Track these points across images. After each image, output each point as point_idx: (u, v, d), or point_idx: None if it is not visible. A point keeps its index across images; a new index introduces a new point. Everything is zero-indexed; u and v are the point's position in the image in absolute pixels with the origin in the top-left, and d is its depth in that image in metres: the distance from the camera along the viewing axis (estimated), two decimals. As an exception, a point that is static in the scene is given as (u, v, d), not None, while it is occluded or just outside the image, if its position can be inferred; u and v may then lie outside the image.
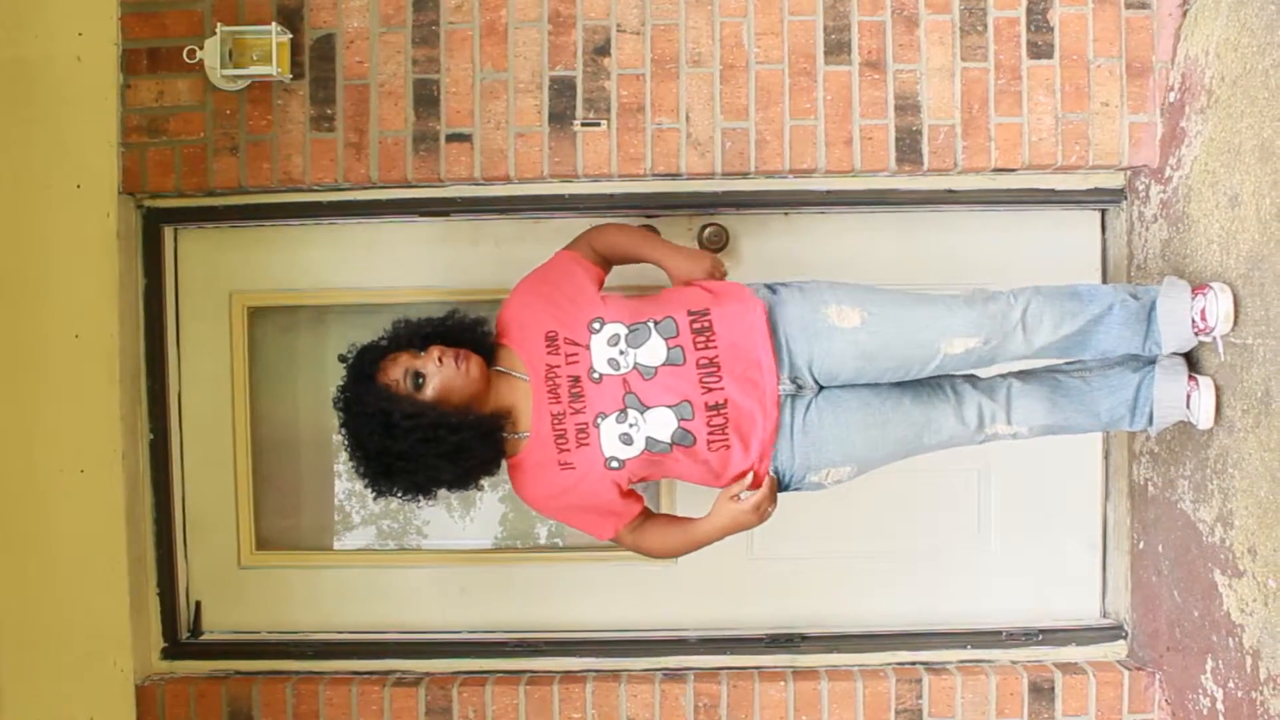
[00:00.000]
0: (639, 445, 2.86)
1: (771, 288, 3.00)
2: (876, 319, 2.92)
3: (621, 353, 2.87)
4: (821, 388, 2.96)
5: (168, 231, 3.71)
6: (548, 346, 2.91)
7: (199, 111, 3.56)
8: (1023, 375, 3.15)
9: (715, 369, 2.85)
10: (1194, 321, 3.07)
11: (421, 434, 2.81)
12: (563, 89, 3.53)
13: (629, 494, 2.98)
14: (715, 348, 2.86)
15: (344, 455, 2.96)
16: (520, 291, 3.06)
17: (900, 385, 3.03)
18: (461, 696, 3.57)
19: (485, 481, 3.01)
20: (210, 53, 3.47)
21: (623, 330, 2.88)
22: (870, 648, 3.71)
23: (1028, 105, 3.52)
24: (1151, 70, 3.51)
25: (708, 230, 3.67)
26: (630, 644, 3.73)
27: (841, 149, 3.52)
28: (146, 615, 3.68)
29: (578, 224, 3.61)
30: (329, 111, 3.54)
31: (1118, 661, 3.69)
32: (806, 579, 3.77)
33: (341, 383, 2.95)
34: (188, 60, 3.50)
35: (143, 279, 3.68)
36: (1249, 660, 3.05)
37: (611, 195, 3.61)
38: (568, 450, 2.88)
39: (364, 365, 2.92)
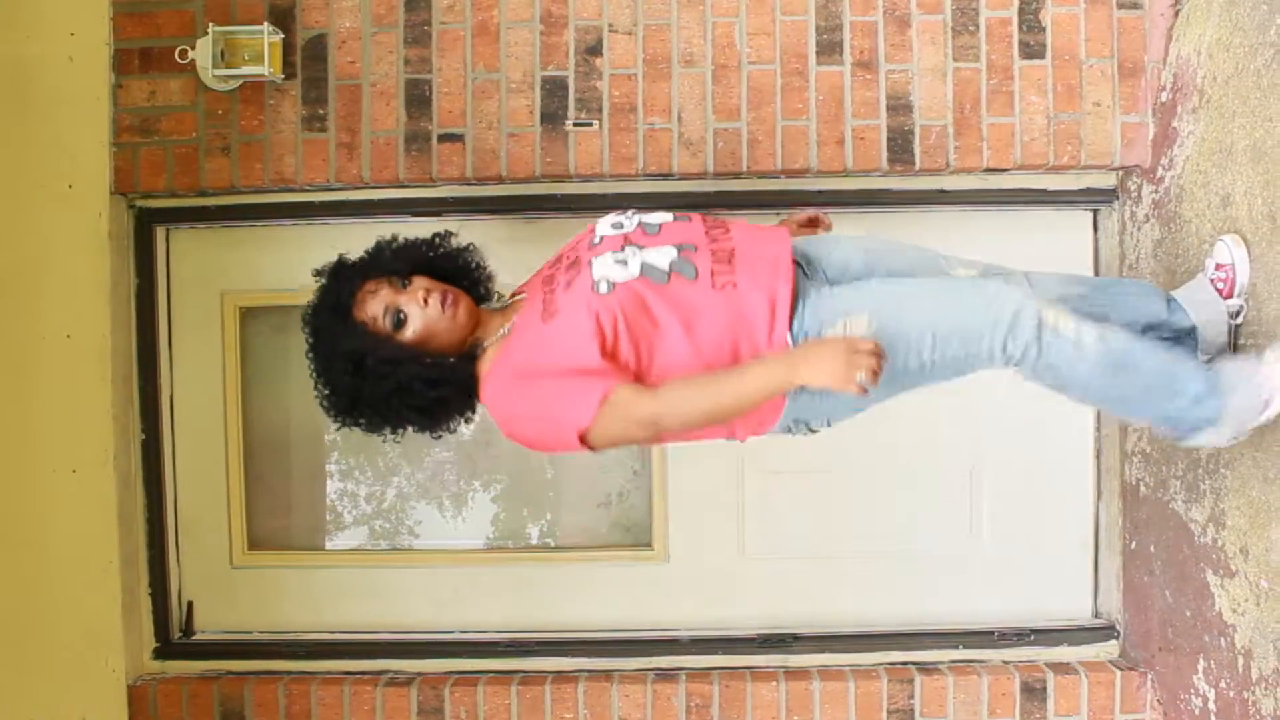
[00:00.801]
0: (633, 268, 2.47)
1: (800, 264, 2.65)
2: (878, 242, 2.79)
3: (625, 220, 2.61)
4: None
5: (160, 231, 3.71)
6: (549, 268, 2.65)
7: (191, 111, 3.54)
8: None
9: (723, 228, 2.60)
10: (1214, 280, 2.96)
11: (395, 382, 2.49)
12: (555, 89, 3.51)
13: (611, 360, 2.44)
14: (730, 240, 2.56)
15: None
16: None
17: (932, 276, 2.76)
18: (454, 696, 3.55)
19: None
20: (202, 53, 3.45)
21: (627, 219, 2.63)
22: (862, 648, 3.69)
23: (1020, 105, 3.51)
24: (1143, 70, 3.49)
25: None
26: (622, 644, 3.71)
27: (833, 149, 3.51)
28: (138, 615, 3.67)
29: (570, 224, 3.58)
30: (321, 111, 3.52)
31: (1110, 661, 3.67)
32: (798, 579, 3.75)
33: (313, 302, 2.62)
34: (180, 60, 3.49)
35: (135, 279, 3.67)
36: (1241, 660, 3.04)
37: (603, 195, 3.59)
38: (553, 294, 2.53)
39: (339, 290, 2.57)
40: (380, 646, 3.71)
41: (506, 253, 3.61)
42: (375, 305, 2.53)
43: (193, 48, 3.47)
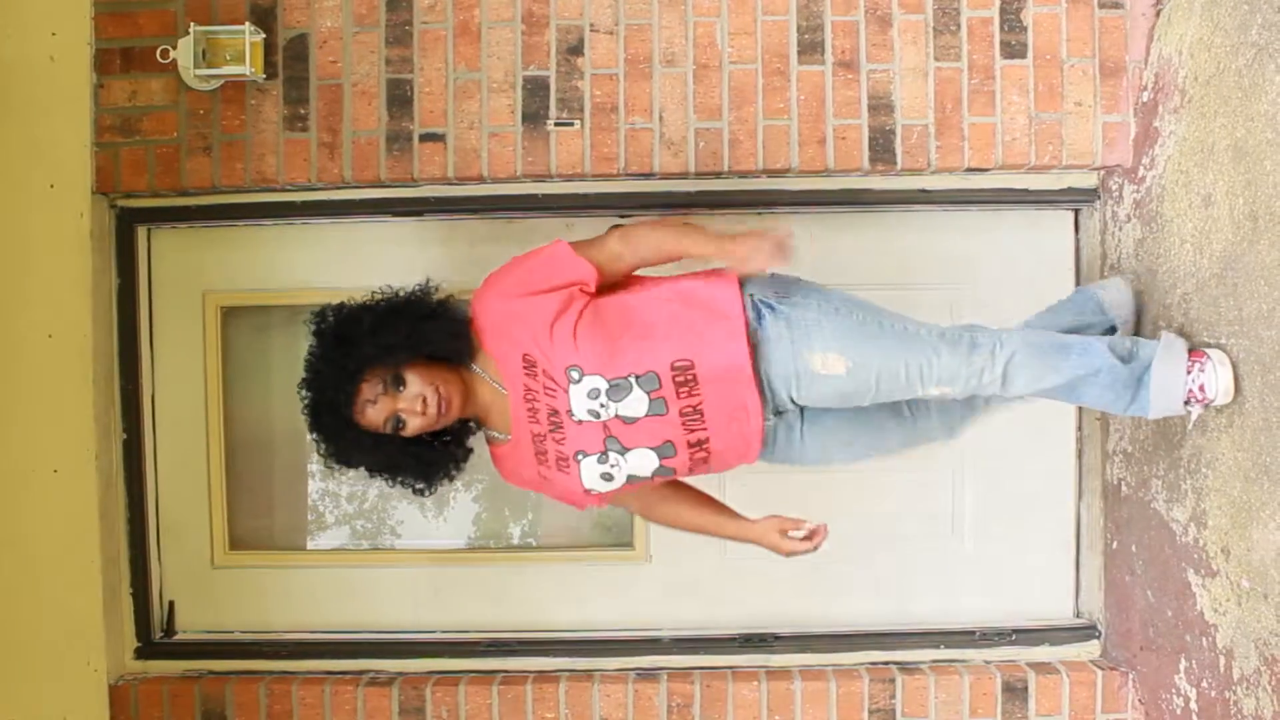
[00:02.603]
0: (619, 481, 2.74)
1: (760, 310, 2.74)
2: (860, 369, 2.72)
3: (603, 405, 2.65)
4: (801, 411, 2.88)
5: (141, 231, 3.67)
6: (526, 370, 2.69)
7: (172, 111, 3.50)
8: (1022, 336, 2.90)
9: (699, 416, 2.69)
10: (1191, 392, 2.91)
11: (396, 463, 2.75)
12: (536, 89, 3.47)
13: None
14: (699, 395, 2.67)
15: (317, 455, 2.82)
16: (497, 294, 2.75)
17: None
18: (435, 696, 3.52)
19: (459, 481, 2.95)
20: (184, 52, 3.41)
21: (603, 385, 2.64)
22: (844, 647, 3.67)
23: (1001, 105, 3.48)
24: (1125, 70, 3.47)
25: (682, 230, 3.59)
26: (604, 644, 3.68)
27: (815, 149, 3.48)
28: (120, 615, 3.63)
29: (551, 224, 3.56)
30: (302, 111, 3.49)
31: (1091, 661, 3.65)
32: (780, 579, 3.69)
33: (310, 399, 2.69)
34: (161, 60, 3.45)
35: (116, 279, 3.64)
36: (1222, 660, 3.02)
37: (585, 195, 3.57)
38: (548, 466, 2.75)
39: (336, 396, 2.64)
40: (362, 646, 3.68)
41: (488, 252, 3.58)
42: (376, 417, 2.64)
43: (174, 47, 3.43)
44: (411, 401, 2.62)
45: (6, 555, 3.02)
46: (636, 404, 2.65)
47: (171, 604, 3.72)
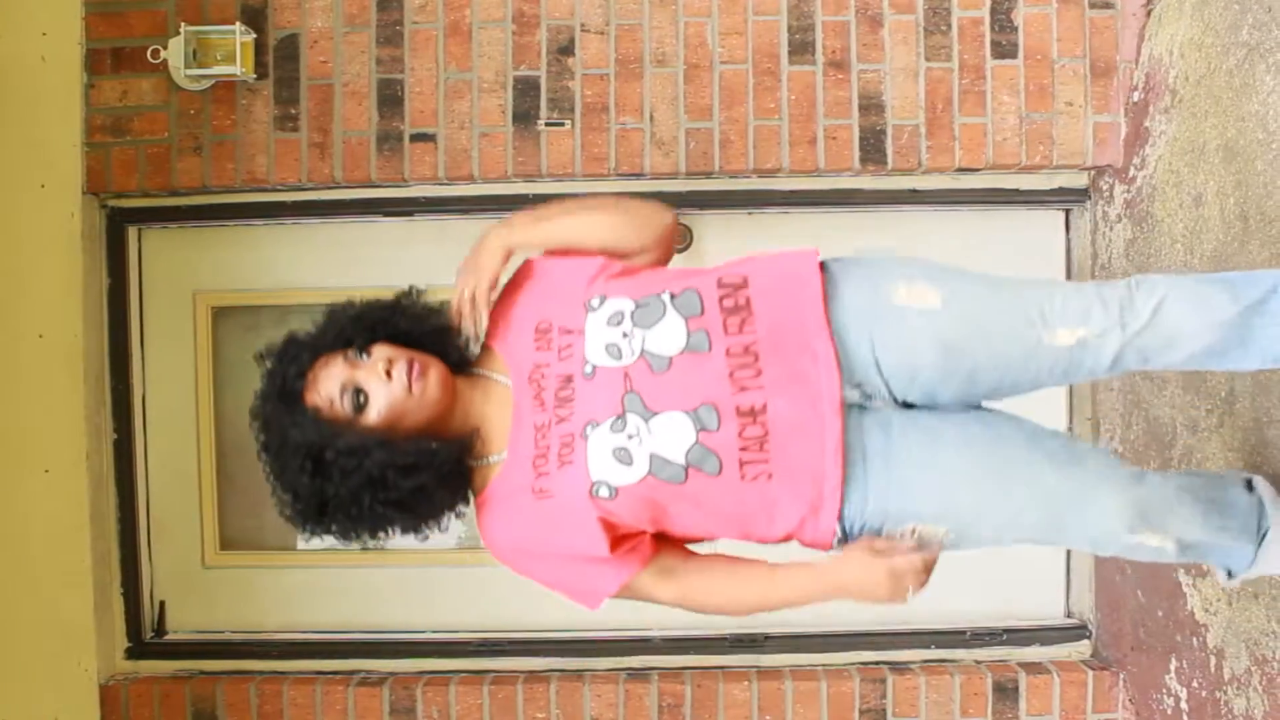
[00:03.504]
0: (640, 467, 1.94)
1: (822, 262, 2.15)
2: (959, 297, 2.06)
3: (625, 335, 1.99)
4: (897, 402, 2.07)
5: (131, 231, 3.65)
6: (537, 340, 2.09)
7: (163, 111, 3.49)
8: (1174, 477, 2.30)
9: (753, 360, 1.97)
10: None
11: (364, 476, 1.98)
12: (527, 89, 3.46)
13: (622, 540, 2.03)
14: (754, 331, 1.98)
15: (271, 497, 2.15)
16: (522, 272, 2.23)
17: (1021, 429, 2.11)
18: (425, 696, 3.50)
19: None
20: (174, 52, 3.40)
21: (628, 306, 2.02)
22: (834, 647, 3.64)
23: (992, 105, 3.46)
24: (1116, 70, 3.46)
25: (673, 230, 3.57)
26: (594, 644, 3.65)
27: (805, 149, 3.46)
28: (111, 615, 3.61)
29: (542, 224, 3.52)
30: (293, 111, 3.47)
31: (1082, 661, 3.64)
32: (771, 579, 3.66)
33: (259, 389, 2.12)
34: (152, 60, 3.43)
35: (107, 279, 3.61)
36: (1213, 660, 3.01)
37: (576, 195, 3.47)
38: (546, 474, 2.02)
39: (285, 375, 2.05)
40: (352, 646, 3.66)
41: (479, 253, 3.56)
42: (329, 384, 2.00)
43: (165, 47, 3.41)
44: (372, 366, 2.00)
45: (-3, 555, 3.01)
46: (669, 334, 1.99)
47: (162, 604, 3.70)
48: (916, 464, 1.99)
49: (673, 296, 2.02)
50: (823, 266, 2.10)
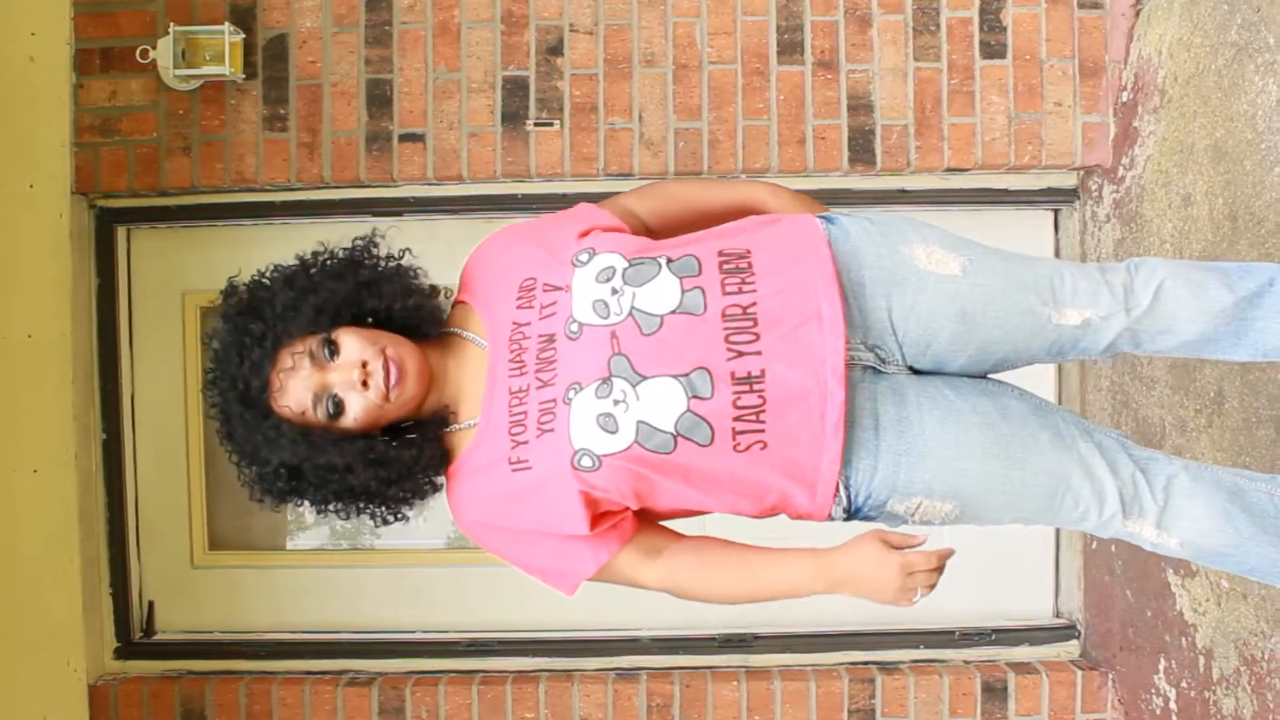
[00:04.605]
0: (625, 435, 1.78)
1: (826, 217, 1.99)
2: (978, 267, 1.93)
3: (615, 292, 1.85)
4: (910, 370, 1.95)
5: (120, 231, 3.64)
6: (520, 298, 1.93)
7: (152, 111, 3.47)
8: (1192, 470, 2.04)
9: (751, 323, 1.82)
10: None
11: (345, 486, 1.89)
12: (515, 89, 3.43)
13: (602, 518, 1.88)
14: (753, 290, 1.84)
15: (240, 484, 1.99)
16: (505, 231, 2.10)
17: (1026, 404, 1.99)
18: (414, 696, 3.48)
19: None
20: (163, 53, 3.37)
21: (620, 263, 1.87)
22: (823, 647, 3.62)
23: (980, 105, 3.45)
24: (1104, 70, 3.44)
25: (662, 230, 3.55)
26: (583, 644, 3.63)
27: (794, 149, 3.44)
28: (100, 615, 3.59)
29: (531, 224, 3.50)
30: (282, 111, 3.45)
31: (1071, 661, 3.62)
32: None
33: (212, 371, 1.90)
34: (141, 60, 3.40)
35: (95, 279, 3.60)
36: (1202, 660, 3.00)
37: (565, 195, 3.49)
38: (524, 443, 1.86)
39: (244, 370, 1.85)
40: (341, 646, 3.64)
41: (467, 252, 3.51)
42: (299, 392, 1.84)
43: (154, 47, 3.39)
44: (345, 370, 1.84)
45: (-15, 555, 2.99)
46: (662, 292, 1.84)
47: (151, 604, 3.68)
48: (931, 438, 1.87)
49: (669, 260, 1.88)
50: (830, 221, 1.97)
